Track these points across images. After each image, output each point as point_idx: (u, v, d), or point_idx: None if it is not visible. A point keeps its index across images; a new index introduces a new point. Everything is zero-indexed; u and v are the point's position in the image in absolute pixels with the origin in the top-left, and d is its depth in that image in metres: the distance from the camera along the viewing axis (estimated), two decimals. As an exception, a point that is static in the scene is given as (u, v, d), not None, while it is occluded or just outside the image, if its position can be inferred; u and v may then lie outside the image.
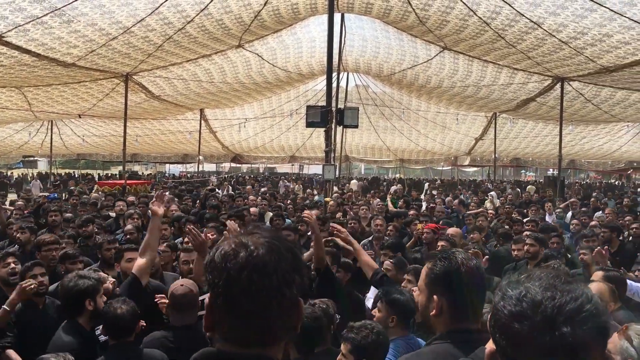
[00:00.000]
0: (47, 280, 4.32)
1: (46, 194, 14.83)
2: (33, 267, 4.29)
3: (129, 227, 7.11)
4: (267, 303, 1.27)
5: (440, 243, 6.14)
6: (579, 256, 6.03)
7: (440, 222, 8.25)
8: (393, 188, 21.70)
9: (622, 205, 14.19)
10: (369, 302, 4.81)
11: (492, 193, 17.80)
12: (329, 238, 5.79)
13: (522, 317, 1.18)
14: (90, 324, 3.70)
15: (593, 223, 9.32)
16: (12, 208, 10.70)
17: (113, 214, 9.56)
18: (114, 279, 4.39)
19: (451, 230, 7.00)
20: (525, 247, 6.14)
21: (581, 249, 6.32)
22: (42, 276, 4.23)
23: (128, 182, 15.29)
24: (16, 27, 9.76)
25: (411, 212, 10.39)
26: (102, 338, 3.61)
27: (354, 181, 30.05)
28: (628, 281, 4.50)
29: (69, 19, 9.98)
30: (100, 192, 14.74)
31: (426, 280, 2.14)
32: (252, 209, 9.68)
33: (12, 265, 4.47)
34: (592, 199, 16.21)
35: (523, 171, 47.64)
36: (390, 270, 4.79)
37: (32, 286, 3.89)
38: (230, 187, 21.22)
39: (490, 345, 1.31)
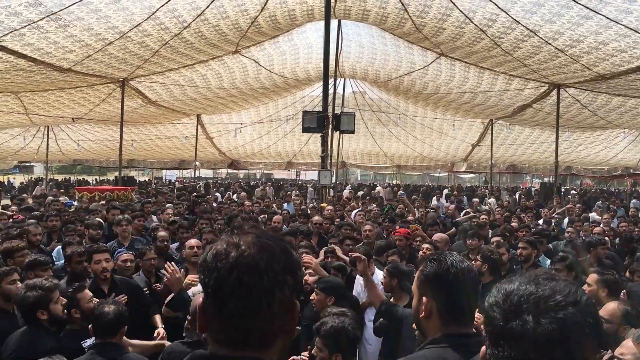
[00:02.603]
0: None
1: (65, 200, 14.59)
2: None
3: (162, 233, 7.03)
4: (257, 304, 1.25)
5: (424, 246, 6.15)
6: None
7: (397, 226, 8.19)
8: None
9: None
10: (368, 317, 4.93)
11: (491, 200, 17.83)
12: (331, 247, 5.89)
13: (496, 305, 1.21)
14: (52, 329, 3.69)
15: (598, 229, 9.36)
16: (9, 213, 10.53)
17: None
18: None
19: (436, 236, 6.97)
20: (519, 251, 6.15)
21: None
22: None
23: (109, 187, 15.14)
24: (12, 32, 9.74)
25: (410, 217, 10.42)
26: (87, 343, 3.58)
27: (379, 188, 30.11)
28: None
29: (65, 23, 9.96)
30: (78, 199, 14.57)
31: (417, 283, 2.14)
32: (276, 217, 9.25)
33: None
34: (597, 209, 16.14)
35: (528, 178, 47.31)
36: (385, 277, 4.77)
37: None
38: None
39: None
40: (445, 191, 28.49)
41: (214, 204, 14.50)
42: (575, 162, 27.94)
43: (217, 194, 21.60)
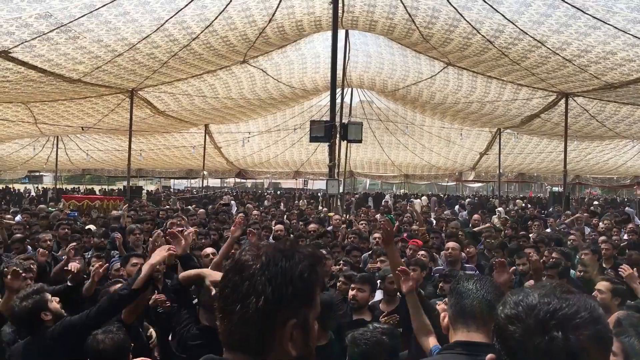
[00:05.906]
0: None
1: (67, 211, 14.66)
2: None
3: None
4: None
5: (420, 252, 6.23)
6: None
7: (405, 235, 8.25)
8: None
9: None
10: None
11: (500, 209, 17.73)
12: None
13: (516, 319, 1.20)
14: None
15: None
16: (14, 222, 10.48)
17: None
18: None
19: (450, 244, 6.89)
20: (551, 261, 6.13)
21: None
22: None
23: (96, 197, 15.25)
24: (22, 43, 9.84)
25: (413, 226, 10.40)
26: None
27: (421, 199, 29.54)
28: None
29: (75, 35, 10.05)
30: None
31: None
32: (278, 226, 9.42)
33: None
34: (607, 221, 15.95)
35: (548, 187, 46.59)
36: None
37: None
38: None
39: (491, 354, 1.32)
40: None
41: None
42: (584, 170, 27.78)
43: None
